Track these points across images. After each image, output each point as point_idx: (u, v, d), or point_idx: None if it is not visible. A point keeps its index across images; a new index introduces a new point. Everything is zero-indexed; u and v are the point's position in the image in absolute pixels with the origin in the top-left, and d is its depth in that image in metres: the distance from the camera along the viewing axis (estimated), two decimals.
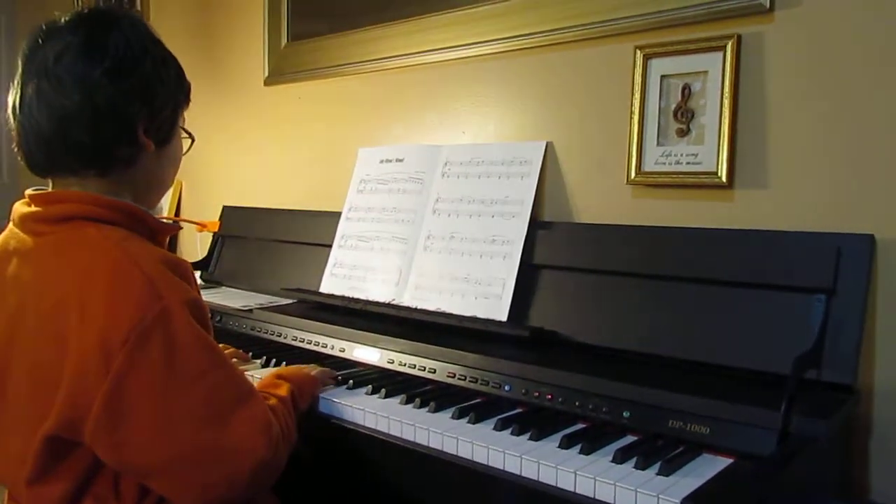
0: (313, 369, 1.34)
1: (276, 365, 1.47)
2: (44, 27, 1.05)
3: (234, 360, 1.49)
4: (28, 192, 1.09)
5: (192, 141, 1.23)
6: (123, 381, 0.93)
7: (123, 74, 1.04)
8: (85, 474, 1.01)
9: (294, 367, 1.34)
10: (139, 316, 0.94)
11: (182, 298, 0.98)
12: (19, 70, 1.05)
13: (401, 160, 1.81)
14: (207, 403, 0.98)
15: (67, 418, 0.96)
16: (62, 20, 1.06)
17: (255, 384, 1.24)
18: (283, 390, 1.20)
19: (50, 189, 1.10)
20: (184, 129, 1.19)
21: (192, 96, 1.18)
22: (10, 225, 1.11)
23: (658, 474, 0.94)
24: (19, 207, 1.10)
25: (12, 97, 1.06)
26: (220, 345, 1.48)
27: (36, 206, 1.06)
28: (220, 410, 0.99)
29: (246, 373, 1.42)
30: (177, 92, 1.14)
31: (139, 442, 0.96)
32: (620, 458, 0.99)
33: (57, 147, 1.04)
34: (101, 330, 0.94)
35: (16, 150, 1.08)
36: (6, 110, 1.08)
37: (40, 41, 1.04)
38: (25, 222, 1.07)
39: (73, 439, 0.98)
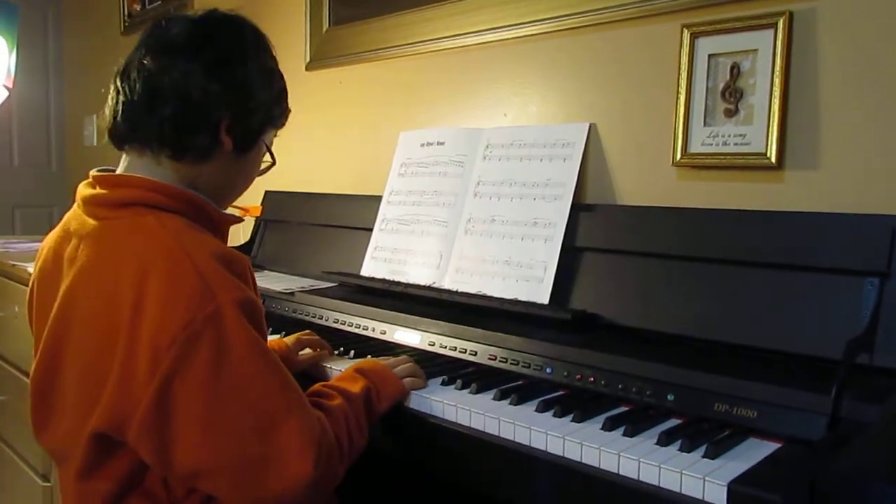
0: (403, 368, 1.23)
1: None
2: (172, 13, 1.12)
3: (320, 350, 1.43)
4: (93, 172, 1.10)
5: (273, 164, 1.22)
6: (170, 384, 0.92)
7: (221, 72, 1.06)
8: (133, 470, 1.01)
9: (379, 364, 1.23)
10: (189, 316, 0.92)
11: (235, 298, 0.95)
12: (136, 44, 1.10)
13: (442, 143, 1.80)
14: (255, 411, 0.94)
15: (114, 417, 0.96)
16: (192, 13, 1.13)
17: (332, 379, 1.20)
18: (358, 387, 1.13)
19: (118, 171, 1.10)
20: (268, 148, 1.18)
21: None
22: (74, 206, 1.12)
23: (704, 457, 0.93)
24: (83, 189, 1.10)
25: (118, 67, 1.09)
26: (306, 332, 1.47)
27: (100, 188, 1.07)
28: (268, 420, 0.95)
29: (325, 365, 1.39)
30: (272, 107, 1.15)
31: (183, 446, 0.94)
32: (665, 440, 0.97)
33: (142, 117, 1.05)
34: (152, 329, 0.92)
35: (103, 117, 1.11)
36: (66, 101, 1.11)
37: (163, 23, 1.09)
38: (88, 204, 1.08)
39: (120, 438, 0.98)
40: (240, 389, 0.94)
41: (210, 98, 1.05)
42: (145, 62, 1.05)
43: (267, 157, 1.20)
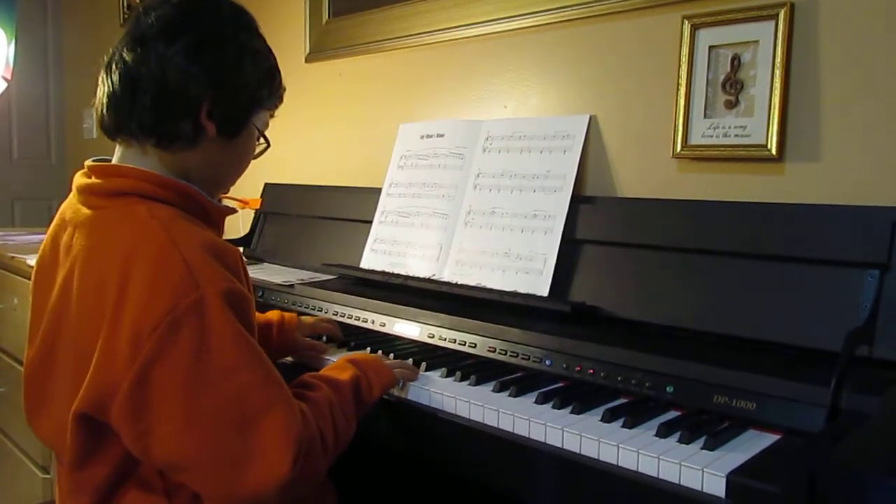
0: (393, 361, 1.26)
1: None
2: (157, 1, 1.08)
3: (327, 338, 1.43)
4: (88, 162, 1.10)
5: (267, 146, 1.20)
6: (149, 370, 0.91)
7: (200, 53, 1.04)
8: (125, 458, 1.00)
9: (371, 355, 1.26)
10: (172, 304, 0.91)
11: (221, 289, 0.94)
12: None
13: (441, 135, 1.80)
14: (235, 405, 0.93)
15: (95, 398, 0.95)
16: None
17: (323, 369, 1.19)
18: (346, 375, 1.13)
19: (113, 160, 1.10)
20: (259, 131, 1.16)
21: None
22: (71, 195, 1.13)
23: (703, 448, 0.93)
24: (79, 178, 1.10)
25: (104, 59, 1.08)
26: (327, 318, 1.47)
27: (95, 177, 1.07)
28: (248, 414, 0.93)
29: (325, 357, 1.39)
30: (258, 87, 1.12)
31: (161, 434, 0.93)
32: (664, 432, 0.97)
33: (123, 110, 1.05)
34: (134, 314, 0.92)
35: (94, 111, 1.11)
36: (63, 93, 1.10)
37: (142, 11, 1.07)
38: (82, 194, 1.08)
39: (104, 420, 0.97)
40: (220, 381, 0.93)
41: (189, 82, 1.03)
42: (124, 53, 1.05)
43: (261, 141, 1.18)
